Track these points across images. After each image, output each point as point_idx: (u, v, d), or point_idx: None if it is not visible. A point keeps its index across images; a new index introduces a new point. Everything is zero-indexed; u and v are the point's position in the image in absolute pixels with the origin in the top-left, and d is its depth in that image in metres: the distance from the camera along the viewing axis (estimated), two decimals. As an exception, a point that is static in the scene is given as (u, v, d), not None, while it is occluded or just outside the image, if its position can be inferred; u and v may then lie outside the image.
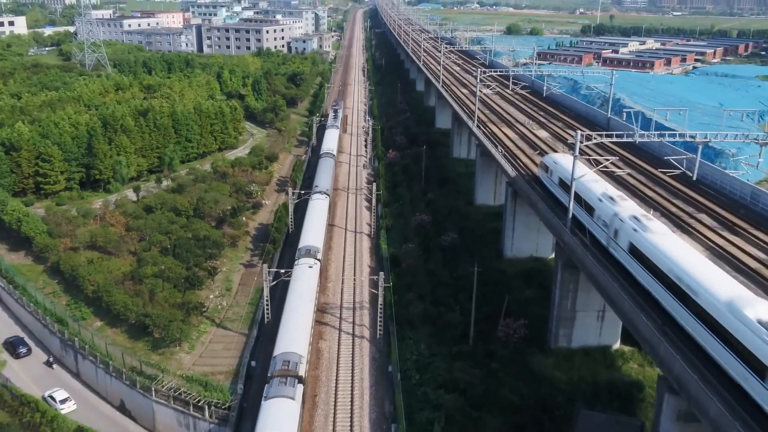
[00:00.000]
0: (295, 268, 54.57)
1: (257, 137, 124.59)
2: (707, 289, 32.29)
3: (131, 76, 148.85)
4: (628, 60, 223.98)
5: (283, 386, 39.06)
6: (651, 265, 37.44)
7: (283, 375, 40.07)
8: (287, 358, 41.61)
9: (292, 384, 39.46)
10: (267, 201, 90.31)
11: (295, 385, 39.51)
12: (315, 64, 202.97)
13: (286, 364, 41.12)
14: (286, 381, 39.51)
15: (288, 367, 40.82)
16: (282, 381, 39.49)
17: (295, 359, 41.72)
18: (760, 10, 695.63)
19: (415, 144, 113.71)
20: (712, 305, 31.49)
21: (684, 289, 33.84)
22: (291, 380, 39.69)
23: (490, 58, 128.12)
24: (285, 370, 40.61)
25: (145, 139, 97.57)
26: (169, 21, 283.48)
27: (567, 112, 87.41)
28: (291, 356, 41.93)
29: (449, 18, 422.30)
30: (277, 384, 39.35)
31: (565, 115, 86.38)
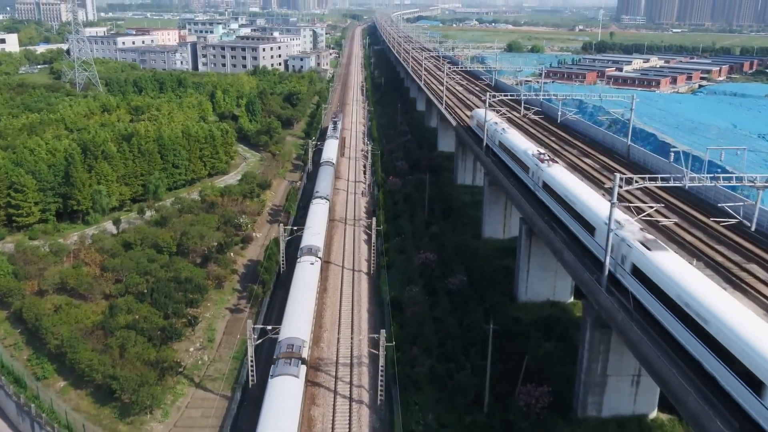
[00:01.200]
0: (298, 265, 58.76)
1: (250, 161, 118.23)
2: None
3: (120, 97, 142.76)
4: (633, 78, 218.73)
5: (287, 366, 42.17)
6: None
7: (288, 357, 43.07)
8: (291, 342, 44.66)
9: (296, 364, 42.57)
10: (258, 233, 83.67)
11: (298, 365, 42.67)
12: (312, 82, 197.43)
13: (290, 347, 44.14)
14: (291, 361, 42.58)
15: (292, 350, 43.83)
16: (287, 362, 42.55)
17: (299, 343, 44.76)
18: (759, 27, 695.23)
19: (416, 169, 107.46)
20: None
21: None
22: (295, 361, 42.79)
23: (495, 78, 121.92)
24: (289, 352, 43.59)
25: (129, 166, 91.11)
26: (165, 38, 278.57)
27: (581, 138, 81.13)
28: (294, 340, 44.89)
29: (448, 35, 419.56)
30: (282, 364, 42.43)
31: (579, 141, 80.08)
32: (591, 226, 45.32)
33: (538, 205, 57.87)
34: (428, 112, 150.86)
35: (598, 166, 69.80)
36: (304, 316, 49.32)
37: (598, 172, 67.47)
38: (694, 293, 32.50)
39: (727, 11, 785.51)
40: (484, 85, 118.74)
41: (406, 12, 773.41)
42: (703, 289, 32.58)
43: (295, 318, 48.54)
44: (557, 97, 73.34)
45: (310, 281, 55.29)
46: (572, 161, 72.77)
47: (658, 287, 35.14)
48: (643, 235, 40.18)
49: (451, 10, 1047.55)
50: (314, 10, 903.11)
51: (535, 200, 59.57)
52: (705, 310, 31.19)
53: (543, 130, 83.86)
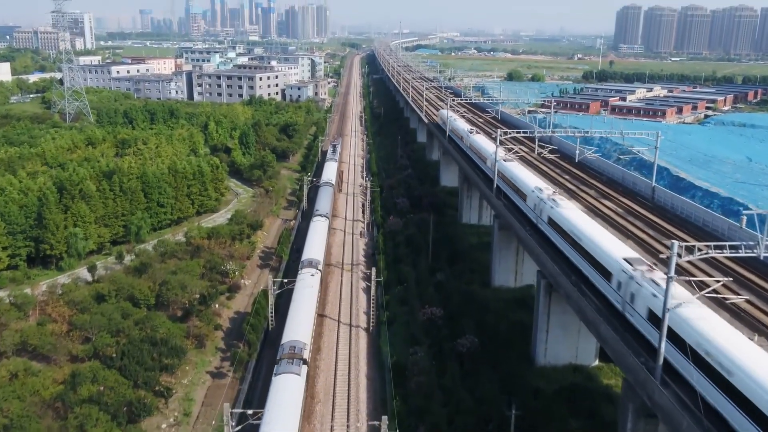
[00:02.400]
0: (299, 276, 62.31)
1: (242, 198, 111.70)
2: None
3: (107, 129, 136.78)
4: (638, 108, 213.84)
5: (290, 365, 45.53)
6: None
7: (290, 357, 46.43)
8: (293, 344, 48.09)
9: (298, 364, 45.91)
10: (247, 280, 76.71)
11: (300, 365, 46.02)
12: (310, 112, 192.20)
13: (292, 348, 47.54)
14: (293, 361, 45.97)
15: (294, 351, 47.17)
16: (289, 361, 45.91)
17: (300, 345, 48.20)
18: (757, 56, 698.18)
19: (418, 207, 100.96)
20: None
21: None
22: (297, 361, 46.10)
23: (500, 111, 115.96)
24: (291, 353, 46.89)
25: (109, 206, 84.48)
26: (160, 67, 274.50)
27: (598, 177, 74.66)
28: (296, 343, 48.38)
29: (447, 64, 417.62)
30: (285, 363, 45.75)
31: (596, 181, 73.64)
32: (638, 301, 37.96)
33: (561, 259, 51.05)
34: (429, 144, 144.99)
35: (621, 210, 63.28)
36: (306, 321, 53.19)
37: (622, 217, 60.93)
38: None
39: (724, 40, 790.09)
40: (491, 118, 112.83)
41: (405, 41, 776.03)
42: None
43: (297, 323, 52.41)
44: (575, 133, 67.10)
45: (311, 290, 59.26)
46: (590, 204, 66.21)
47: (738, 391, 27.50)
48: (713, 317, 32.35)
49: (450, 39, 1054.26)
50: (313, 39, 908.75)
51: (554, 251, 52.89)
52: None
53: (556, 168, 77.35)
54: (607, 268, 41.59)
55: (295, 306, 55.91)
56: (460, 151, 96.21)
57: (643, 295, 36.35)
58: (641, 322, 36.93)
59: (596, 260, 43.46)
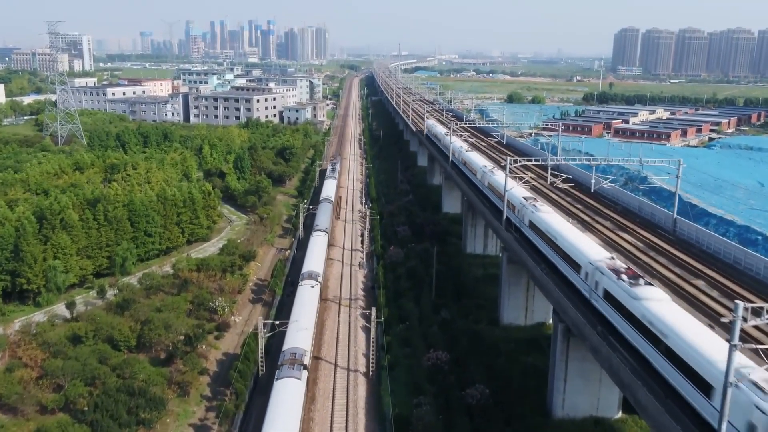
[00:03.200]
0: (299, 288, 65.01)
1: (235, 225, 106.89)
2: None
3: (97, 152, 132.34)
4: (642, 131, 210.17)
5: (291, 370, 47.38)
6: None
7: (291, 363, 48.25)
8: (294, 351, 49.96)
9: (298, 369, 47.73)
10: (238, 317, 71.57)
11: (301, 370, 47.77)
12: (308, 135, 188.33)
13: (293, 355, 49.29)
14: (294, 366, 47.79)
15: (295, 357, 48.97)
16: (290, 366, 47.76)
17: (301, 352, 50.10)
18: (755, 78, 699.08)
19: (420, 235, 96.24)
20: None
21: None
22: (298, 366, 47.99)
23: (505, 135, 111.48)
24: (292, 359, 48.69)
25: (92, 236, 79.59)
26: (157, 89, 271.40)
27: (612, 206, 69.93)
28: (297, 349, 50.27)
29: (447, 86, 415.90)
30: (286, 368, 47.61)
31: (611, 211, 68.94)
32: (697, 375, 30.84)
33: (586, 307, 45.91)
34: (431, 169, 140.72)
35: (641, 244, 58.49)
36: (306, 329, 55.28)
37: (643, 252, 56.14)
38: None
39: (722, 62, 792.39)
40: (495, 143, 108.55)
41: (404, 63, 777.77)
42: None
43: (298, 330, 54.45)
44: (590, 161, 62.50)
45: (311, 301, 62.00)
46: (607, 237, 61.45)
47: None
48: None
49: (448, 61, 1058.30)
50: (312, 61, 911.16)
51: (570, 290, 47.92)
52: None
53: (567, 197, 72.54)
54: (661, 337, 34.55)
55: (296, 314, 58.37)
56: (464, 177, 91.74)
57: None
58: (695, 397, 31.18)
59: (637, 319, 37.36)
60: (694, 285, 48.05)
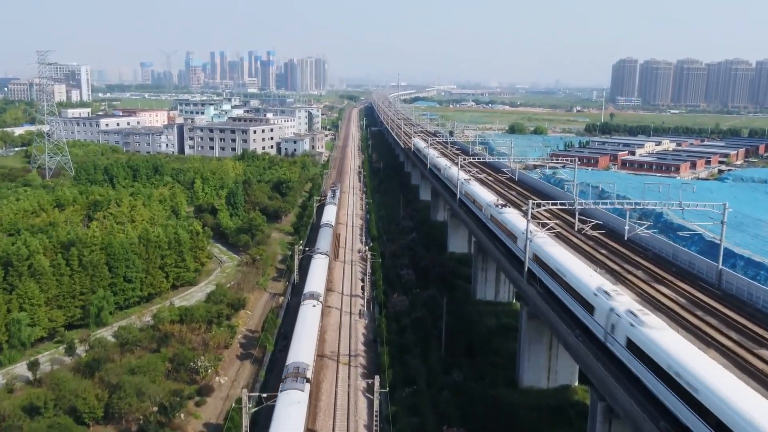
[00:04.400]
0: (301, 308, 67.62)
1: (226, 267, 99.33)
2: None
3: (82, 186, 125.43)
4: (650, 163, 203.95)
5: (294, 382, 50.00)
6: None
7: (295, 376, 50.81)
8: (297, 365, 52.75)
9: (301, 381, 50.33)
10: (223, 378, 63.60)
11: (304, 383, 50.35)
12: (305, 168, 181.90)
13: (296, 368, 52.02)
14: (297, 379, 50.39)
15: (298, 371, 51.70)
16: (294, 379, 50.35)
17: (304, 366, 52.90)
18: (755, 108, 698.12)
19: (425, 278, 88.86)
20: None
21: None
22: (301, 379, 50.58)
23: (517, 172, 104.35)
24: (296, 372, 51.40)
25: (64, 284, 72.03)
26: (152, 120, 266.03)
27: (643, 252, 62.52)
28: (300, 363, 53.09)
29: (447, 116, 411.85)
30: (290, 381, 50.22)
31: (642, 258, 61.54)
32: None
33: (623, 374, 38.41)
34: (434, 203, 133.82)
35: (683, 300, 51.04)
36: (308, 345, 58.08)
37: (687, 311, 48.72)
38: None
39: (721, 93, 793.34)
40: (506, 179, 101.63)
41: (403, 93, 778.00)
42: None
43: (301, 346, 57.06)
44: (624, 206, 55.39)
45: (312, 319, 64.92)
46: (641, 290, 53.99)
47: None
48: None
49: (447, 92, 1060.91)
50: (312, 91, 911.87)
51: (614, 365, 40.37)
52: None
53: (604, 250, 64.46)
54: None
55: (298, 331, 61.33)
56: (473, 216, 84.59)
57: None
58: None
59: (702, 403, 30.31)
60: (759, 356, 40.63)
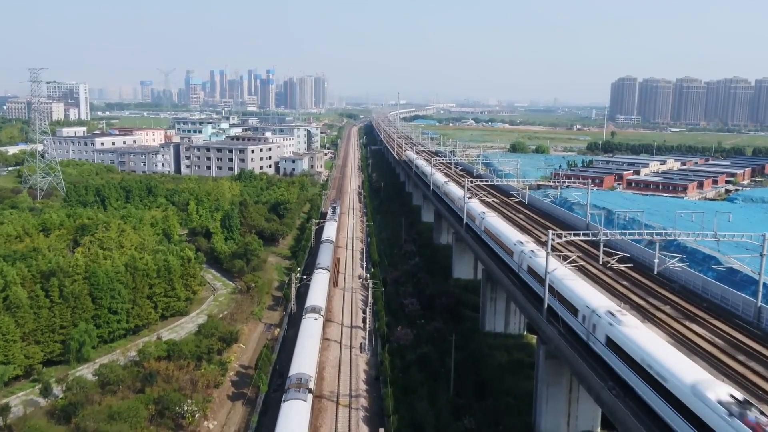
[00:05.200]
0: (303, 321, 69.41)
1: (219, 295, 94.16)
2: None
3: (71, 209, 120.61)
4: (656, 183, 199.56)
5: (297, 392, 51.84)
6: None
7: (297, 386, 52.63)
8: (300, 376, 54.41)
9: (304, 392, 52.28)
10: (212, 422, 58.29)
11: (306, 393, 52.33)
12: (304, 188, 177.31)
13: (299, 379, 53.74)
14: (300, 389, 52.26)
15: (301, 382, 53.41)
16: (297, 389, 52.19)
17: (306, 377, 54.58)
18: (755, 126, 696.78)
19: (431, 309, 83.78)
20: None
21: None
22: (303, 389, 52.49)
23: (527, 194, 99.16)
24: (298, 383, 53.18)
25: (43, 317, 66.88)
26: (149, 139, 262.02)
27: (668, 285, 57.50)
28: (303, 375, 54.78)
29: (447, 134, 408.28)
30: (293, 391, 52.05)
31: (667, 291, 56.52)
32: None
33: None
34: (437, 226, 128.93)
35: (721, 341, 45.98)
36: (310, 357, 59.17)
37: (725, 353, 43.75)
38: None
39: (720, 111, 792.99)
40: (516, 203, 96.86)
41: (403, 111, 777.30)
42: None
43: (303, 358, 58.33)
44: (653, 237, 50.48)
45: (314, 332, 66.29)
46: (670, 327, 48.95)
47: None
48: None
49: (446, 110, 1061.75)
50: (311, 110, 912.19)
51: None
52: None
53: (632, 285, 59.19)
54: None
55: (300, 344, 62.80)
56: (481, 242, 79.73)
57: None
58: None
59: None
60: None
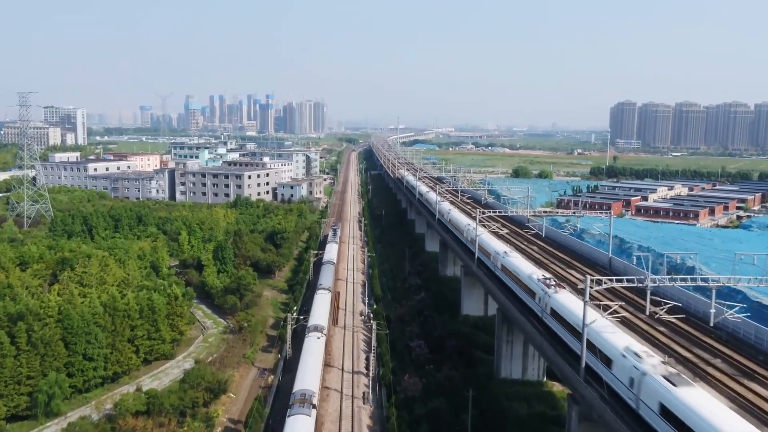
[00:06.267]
0: (306, 339, 70.58)
1: (210, 334, 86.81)
2: None
3: (58, 239, 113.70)
4: (666, 209, 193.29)
5: (301, 408, 53.06)
6: None
7: (301, 402, 53.90)
8: (303, 392, 55.62)
9: (308, 407, 53.39)
10: (194, 492, 50.68)
11: (310, 409, 53.33)
12: (302, 215, 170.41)
13: (303, 395, 54.98)
14: (304, 405, 53.46)
15: (305, 398, 54.66)
16: (301, 405, 53.35)
17: (310, 393, 55.73)
18: (756, 151, 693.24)
19: (440, 352, 76.56)
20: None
21: None
22: (307, 405, 53.65)
23: (544, 226, 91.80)
24: (302, 399, 54.39)
25: (7, 366, 59.63)
26: (144, 164, 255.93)
27: (716, 334, 50.31)
28: (306, 391, 55.90)
29: (447, 159, 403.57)
30: (297, 407, 53.17)
31: (714, 340, 49.37)
32: None
33: None
34: (443, 257, 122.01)
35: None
36: (314, 374, 61.18)
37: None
38: None
39: (720, 135, 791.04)
40: (532, 235, 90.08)
41: (402, 136, 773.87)
42: None
43: (306, 375, 60.30)
44: (709, 284, 43.63)
45: (317, 350, 67.44)
46: (730, 389, 41.69)
47: None
48: None
49: (445, 134, 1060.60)
50: (310, 134, 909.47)
51: None
52: None
53: (687, 342, 51.24)
54: None
55: (304, 361, 63.66)
56: (496, 280, 72.68)
57: None
58: None
59: None
60: None
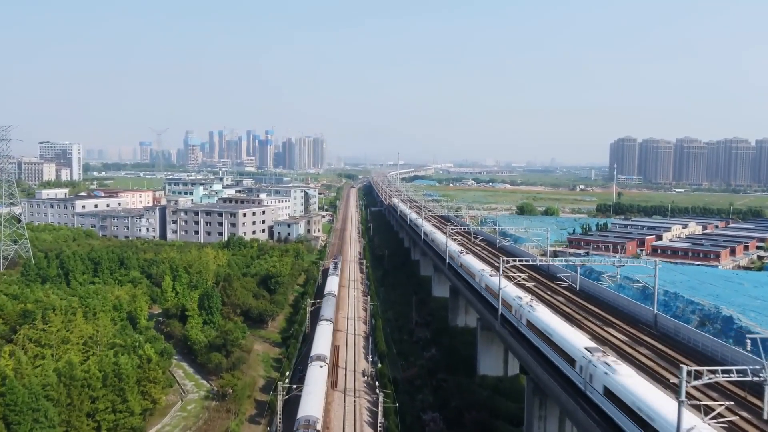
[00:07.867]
0: (309, 368, 70.41)
1: (189, 401, 75.06)
2: None
3: (34, 283, 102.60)
4: (685, 249, 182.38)
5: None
6: None
7: (306, 428, 54.28)
8: (308, 418, 56.12)
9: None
10: None
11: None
12: (299, 256, 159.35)
13: (307, 421, 55.43)
14: (308, 430, 53.93)
15: (309, 423, 55.02)
16: (305, 430, 53.89)
17: (313, 419, 56.10)
18: (759, 187, 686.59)
19: (457, 425, 64.80)
20: None
21: None
22: (312, 430, 53.97)
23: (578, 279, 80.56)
24: (306, 424, 54.80)
25: (-71, 457, 48.14)
26: (135, 201, 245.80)
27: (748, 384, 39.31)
28: (310, 417, 56.38)
29: (448, 195, 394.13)
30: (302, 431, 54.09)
31: None
32: None
33: None
34: (454, 305, 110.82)
35: None
36: (317, 401, 61.18)
37: None
38: None
39: (722, 171, 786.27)
40: (564, 288, 79.14)
41: (402, 172, 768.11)
42: None
43: (310, 401, 60.32)
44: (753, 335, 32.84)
45: (320, 379, 67.22)
46: None
47: None
48: None
49: (445, 170, 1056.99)
50: (309, 170, 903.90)
51: None
52: None
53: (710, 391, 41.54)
54: None
55: (307, 389, 63.70)
56: (524, 339, 61.56)
57: None
58: None
59: None
60: None
